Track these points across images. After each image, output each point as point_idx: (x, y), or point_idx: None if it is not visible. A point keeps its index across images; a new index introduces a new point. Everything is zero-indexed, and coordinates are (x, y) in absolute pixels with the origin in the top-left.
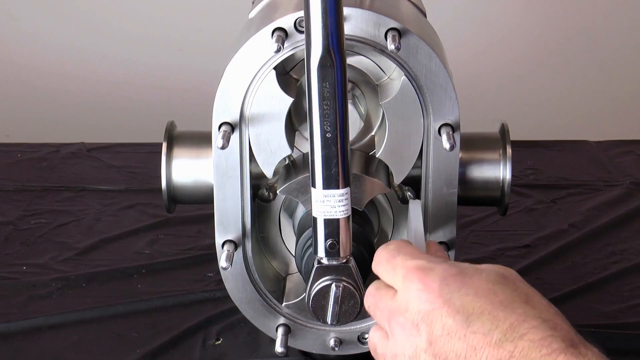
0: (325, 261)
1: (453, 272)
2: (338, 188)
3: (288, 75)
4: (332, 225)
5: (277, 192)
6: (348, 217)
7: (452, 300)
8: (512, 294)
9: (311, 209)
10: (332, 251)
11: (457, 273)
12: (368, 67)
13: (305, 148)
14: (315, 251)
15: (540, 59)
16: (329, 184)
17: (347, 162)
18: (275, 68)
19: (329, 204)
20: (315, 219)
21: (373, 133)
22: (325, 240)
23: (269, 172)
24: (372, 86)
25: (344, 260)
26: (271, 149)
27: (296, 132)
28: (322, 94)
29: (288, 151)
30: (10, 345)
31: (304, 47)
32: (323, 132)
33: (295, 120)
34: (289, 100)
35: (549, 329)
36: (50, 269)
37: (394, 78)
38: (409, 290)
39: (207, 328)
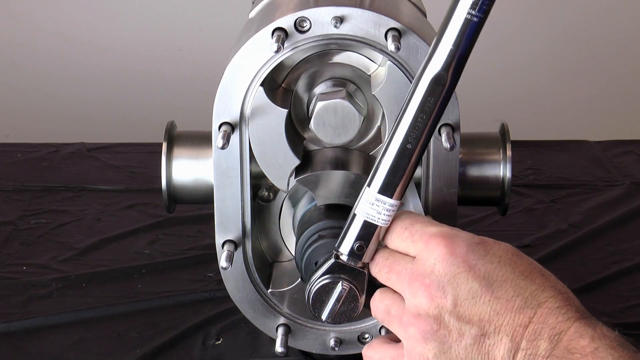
0: (344, 258)
1: (476, 240)
2: (391, 198)
3: (279, 88)
4: (368, 229)
5: (295, 180)
6: (385, 228)
7: (477, 266)
8: (529, 266)
9: (322, 204)
10: (357, 253)
11: (480, 242)
12: (357, 61)
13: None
14: (339, 246)
15: (540, 59)
16: (385, 190)
17: (411, 178)
18: (262, 84)
19: (376, 208)
20: (354, 216)
21: (379, 124)
22: (356, 240)
23: (282, 186)
24: (365, 78)
25: (361, 266)
26: (279, 163)
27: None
28: (423, 107)
29: (296, 162)
30: (10, 345)
31: (303, 47)
32: (405, 142)
33: (299, 128)
34: (283, 113)
35: (565, 300)
36: (50, 269)
37: (383, 65)
38: (435, 254)
39: (207, 328)
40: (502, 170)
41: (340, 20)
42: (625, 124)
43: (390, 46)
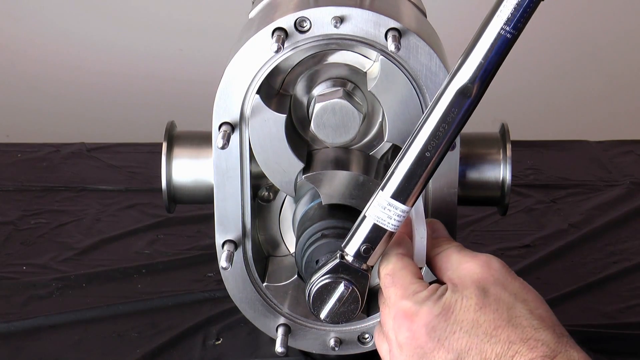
0: (349, 259)
1: (436, 311)
2: (404, 204)
3: (277, 93)
4: (377, 233)
5: (303, 177)
6: (393, 233)
7: (441, 341)
8: (493, 316)
9: (327, 203)
10: (363, 255)
11: (440, 312)
12: (352, 59)
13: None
14: (345, 246)
15: (540, 59)
16: (399, 195)
17: (424, 186)
18: (258, 92)
19: (387, 212)
20: (364, 218)
21: (380, 119)
22: (363, 242)
23: (290, 191)
24: (362, 75)
25: (365, 268)
26: (283, 169)
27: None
28: (445, 117)
29: (300, 165)
30: (10, 345)
31: (303, 48)
32: (424, 150)
33: (300, 130)
34: (282, 118)
35: (529, 351)
36: (50, 269)
37: (378, 61)
38: (400, 335)
39: (207, 328)
40: (502, 171)
41: (340, 20)
42: (625, 124)
43: (391, 46)
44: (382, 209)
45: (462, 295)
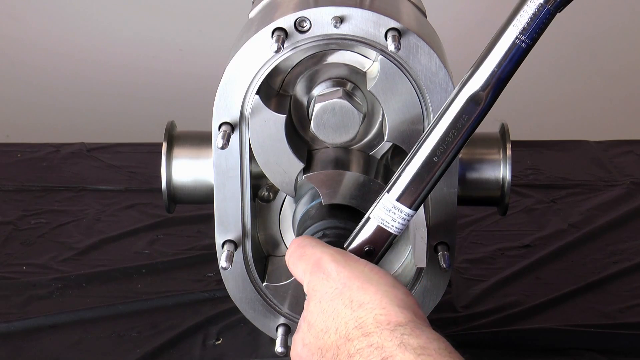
0: None
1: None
2: (409, 207)
3: (276, 94)
4: (380, 235)
5: (303, 177)
6: (396, 236)
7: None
8: (339, 333)
9: (327, 203)
10: (365, 257)
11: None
12: (352, 59)
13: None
14: (347, 247)
15: (540, 59)
16: (404, 199)
17: (430, 191)
18: (258, 92)
19: (392, 215)
20: (368, 220)
21: (380, 119)
22: (366, 244)
23: (290, 191)
24: (361, 75)
25: None
26: (283, 169)
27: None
28: (455, 123)
29: (300, 165)
30: (10, 345)
31: (302, 48)
32: (432, 154)
33: (300, 130)
34: (282, 118)
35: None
36: (50, 269)
37: (377, 60)
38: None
39: (207, 328)
40: (502, 171)
41: (340, 20)
42: (625, 124)
43: (390, 46)
44: (387, 212)
45: (305, 318)
